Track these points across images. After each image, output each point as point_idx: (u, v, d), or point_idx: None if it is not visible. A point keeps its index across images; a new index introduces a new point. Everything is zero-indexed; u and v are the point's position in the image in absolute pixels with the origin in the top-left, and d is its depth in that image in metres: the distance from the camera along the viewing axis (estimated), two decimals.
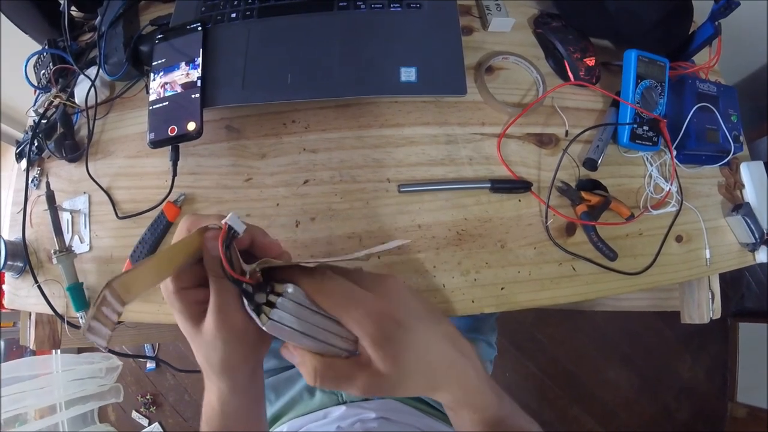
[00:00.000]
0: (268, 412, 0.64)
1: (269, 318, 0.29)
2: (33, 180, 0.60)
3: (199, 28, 0.52)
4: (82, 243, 0.55)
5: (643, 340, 1.53)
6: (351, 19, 0.52)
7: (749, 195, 0.58)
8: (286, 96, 0.50)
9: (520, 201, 0.52)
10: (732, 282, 1.47)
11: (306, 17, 0.53)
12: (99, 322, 0.26)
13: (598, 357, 1.52)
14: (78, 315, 0.53)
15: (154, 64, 0.53)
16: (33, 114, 0.62)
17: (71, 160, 0.58)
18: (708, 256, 0.55)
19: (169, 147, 0.51)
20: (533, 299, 0.49)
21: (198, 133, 0.49)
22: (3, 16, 0.61)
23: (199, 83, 0.50)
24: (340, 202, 0.51)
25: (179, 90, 0.51)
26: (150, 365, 1.62)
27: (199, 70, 0.51)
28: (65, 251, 0.53)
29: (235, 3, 0.55)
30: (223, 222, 0.29)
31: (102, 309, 0.26)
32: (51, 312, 0.54)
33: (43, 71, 0.63)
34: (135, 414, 1.60)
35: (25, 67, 0.60)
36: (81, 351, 1.47)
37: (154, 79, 0.53)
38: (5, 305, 0.60)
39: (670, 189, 0.55)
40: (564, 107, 0.56)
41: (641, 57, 0.54)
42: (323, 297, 0.31)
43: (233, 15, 0.54)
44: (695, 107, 0.55)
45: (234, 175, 0.53)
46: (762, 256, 0.56)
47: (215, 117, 0.55)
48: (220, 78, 0.51)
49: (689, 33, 0.60)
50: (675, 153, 0.56)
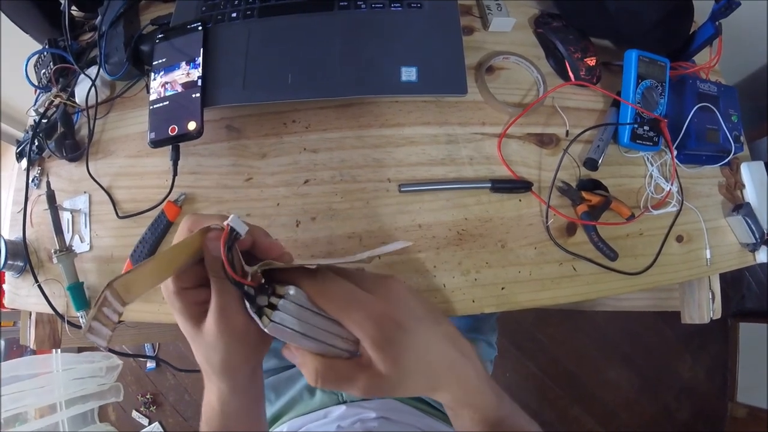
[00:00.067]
0: (268, 411, 0.64)
1: (271, 320, 0.29)
2: (33, 179, 0.60)
3: (200, 27, 0.52)
4: (82, 242, 0.55)
5: (644, 340, 1.53)
6: (351, 19, 0.52)
7: (750, 195, 0.58)
8: (286, 96, 0.50)
9: (520, 201, 0.52)
10: (732, 282, 1.47)
11: (306, 17, 0.53)
12: (100, 322, 0.26)
13: (598, 357, 1.52)
14: (78, 314, 0.53)
15: (154, 63, 0.53)
16: (33, 113, 0.62)
17: (72, 159, 0.58)
18: (708, 256, 0.55)
19: (170, 146, 0.51)
20: (534, 299, 0.49)
21: (198, 133, 0.49)
22: (3, 15, 0.61)
23: (200, 83, 0.50)
24: (340, 201, 0.51)
25: (180, 89, 0.51)
26: (150, 365, 1.62)
27: (200, 69, 0.50)
28: (65, 251, 0.53)
29: (236, 2, 0.55)
30: (226, 223, 0.29)
31: (103, 309, 0.26)
32: (51, 311, 0.54)
33: (44, 71, 0.63)
34: (135, 413, 1.60)
35: (26, 67, 0.60)
36: (81, 350, 1.48)
37: (154, 79, 0.53)
38: (5, 304, 0.60)
39: (670, 189, 0.55)
40: (564, 107, 0.56)
41: (642, 57, 0.54)
42: (324, 299, 0.31)
43: (234, 15, 0.54)
44: (696, 107, 0.55)
45: (234, 175, 0.53)
46: (762, 256, 0.56)
47: (216, 116, 0.55)
48: (220, 77, 0.51)
49: (690, 33, 0.60)
50: (675, 153, 0.56)
